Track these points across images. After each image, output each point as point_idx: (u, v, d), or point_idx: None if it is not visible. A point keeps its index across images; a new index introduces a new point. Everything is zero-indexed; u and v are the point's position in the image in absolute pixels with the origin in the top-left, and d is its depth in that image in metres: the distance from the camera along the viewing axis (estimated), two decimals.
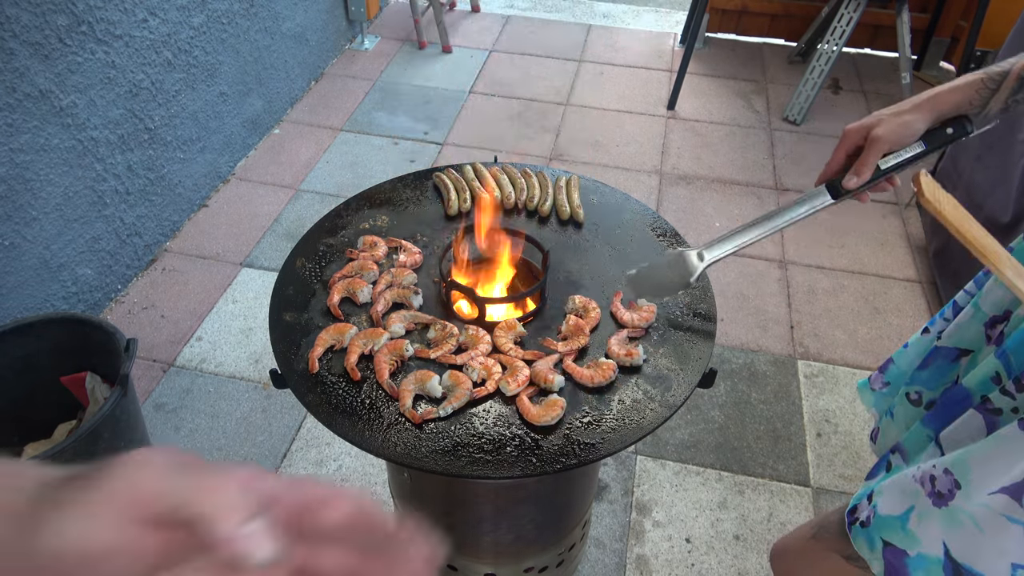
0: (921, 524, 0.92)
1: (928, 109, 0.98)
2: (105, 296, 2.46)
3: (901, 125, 0.98)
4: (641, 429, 1.05)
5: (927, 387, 1.13)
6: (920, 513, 0.93)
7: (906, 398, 1.16)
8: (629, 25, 4.48)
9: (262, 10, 3.09)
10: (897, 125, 0.98)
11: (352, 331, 1.17)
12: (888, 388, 1.28)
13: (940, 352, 1.11)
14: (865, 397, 1.34)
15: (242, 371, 2.30)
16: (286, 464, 2.06)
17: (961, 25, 3.86)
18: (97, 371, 1.91)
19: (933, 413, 1.03)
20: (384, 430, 1.04)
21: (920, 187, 0.99)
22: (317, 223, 1.42)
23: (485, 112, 3.60)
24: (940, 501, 0.90)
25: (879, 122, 0.99)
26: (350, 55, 4.00)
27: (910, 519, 0.94)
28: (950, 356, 1.10)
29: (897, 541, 0.95)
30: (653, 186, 3.16)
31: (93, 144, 2.25)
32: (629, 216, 1.46)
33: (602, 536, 1.92)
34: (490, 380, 1.10)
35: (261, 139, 3.31)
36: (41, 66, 2.00)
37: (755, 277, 2.72)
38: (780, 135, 3.51)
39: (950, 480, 0.89)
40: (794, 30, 4.16)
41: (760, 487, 2.05)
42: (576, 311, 1.23)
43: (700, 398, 2.27)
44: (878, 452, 1.25)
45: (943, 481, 0.90)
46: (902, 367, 1.26)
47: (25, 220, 2.06)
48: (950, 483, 0.89)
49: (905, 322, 2.56)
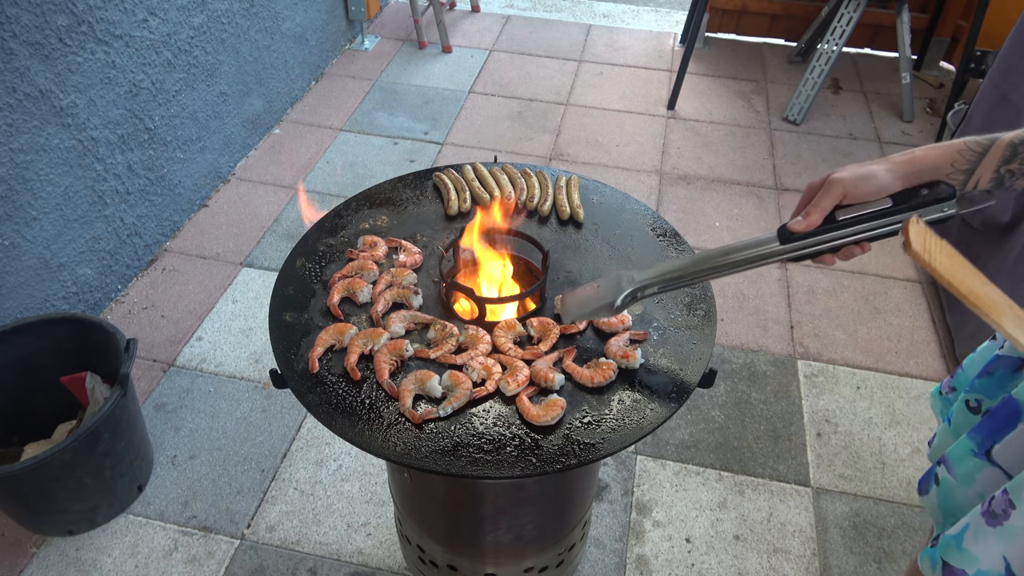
0: (977, 543, 0.91)
1: (900, 164, 0.90)
2: (105, 296, 2.46)
3: (864, 174, 0.89)
4: (641, 429, 1.05)
5: (987, 395, 1.08)
6: (975, 532, 0.91)
7: (965, 405, 1.11)
8: (629, 25, 4.48)
9: (262, 10, 3.09)
10: (860, 172, 0.89)
11: (352, 331, 1.17)
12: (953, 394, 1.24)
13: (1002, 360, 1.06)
14: (935, 404, 1.28)
15: (242, 371, 2.30)
16: (286, 464, 2.06)
17: (961, 25, 3.86)
18: (97, 371, 1.91)
19: (981, 424, 1.00)
20: (384, 430, 1.04)
21: (908, 236, 0.86)
22: (317, 223, 1.42)
23: (485, 112, 3.60)
24: (994, 521, 0.88)
25: (842, 168, 0.91)
26: (350, 55, 4.00)
27: (965, 538, 0.92)
28: (1012, 365, 1.05)
29: (955, 561, 0.93)
30: (653, 186, 3.16)
31: (93, 144, 2.25)
32: (629, 216, 1.46)
33: (602, 536, 1.92)
34: (490, 380, 1.10)
35: (261, 139, 3.31)
36: (41, 66, 2.00)
37: (755, 277, 2.72)
38: (780, 135, 3.51)
39: (1005, 500, 0.88)
40: (794, 30, 4.16)
41: (760, 487, 2.05)
42: None
43: (700, 398, 2.27)
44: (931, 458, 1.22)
45: (999, 501, 0.89)
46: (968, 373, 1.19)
47: (25, 220, 2.06)
48: (1005, 503, 0.88)
49: (905, 322, 2.56)
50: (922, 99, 3.79)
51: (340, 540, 1.89)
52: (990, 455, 0.96)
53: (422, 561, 1.55)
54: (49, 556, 1.84)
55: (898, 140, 3.49)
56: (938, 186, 0.89)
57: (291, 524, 1.92)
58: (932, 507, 1.07)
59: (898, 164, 0.90)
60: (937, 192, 0.89)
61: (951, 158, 0.89)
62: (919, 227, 0.87)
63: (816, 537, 1.93)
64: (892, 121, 3.63)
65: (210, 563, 1.83)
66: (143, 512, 1.94)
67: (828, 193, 0.90)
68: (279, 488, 2.00)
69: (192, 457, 2.07)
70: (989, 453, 0.96)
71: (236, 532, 1.90)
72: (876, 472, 2.09)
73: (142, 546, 1.86)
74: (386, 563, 1.85)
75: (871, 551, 1.91)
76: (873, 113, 3.69)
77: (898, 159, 0.91)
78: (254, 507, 1.96)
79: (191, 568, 1.82)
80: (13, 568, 1.81)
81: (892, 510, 2.00)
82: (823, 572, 1.86)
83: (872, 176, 0.89)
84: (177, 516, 1.93)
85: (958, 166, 0.89)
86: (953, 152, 0.89)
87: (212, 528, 1.91)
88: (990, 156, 0.89)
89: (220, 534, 1.90)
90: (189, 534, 1.89)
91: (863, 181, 0.89)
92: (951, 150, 0.89)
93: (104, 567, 1.82)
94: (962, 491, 1.01)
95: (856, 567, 1.87)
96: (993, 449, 0.95)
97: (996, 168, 0.89)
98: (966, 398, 1.11)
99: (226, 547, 1.87)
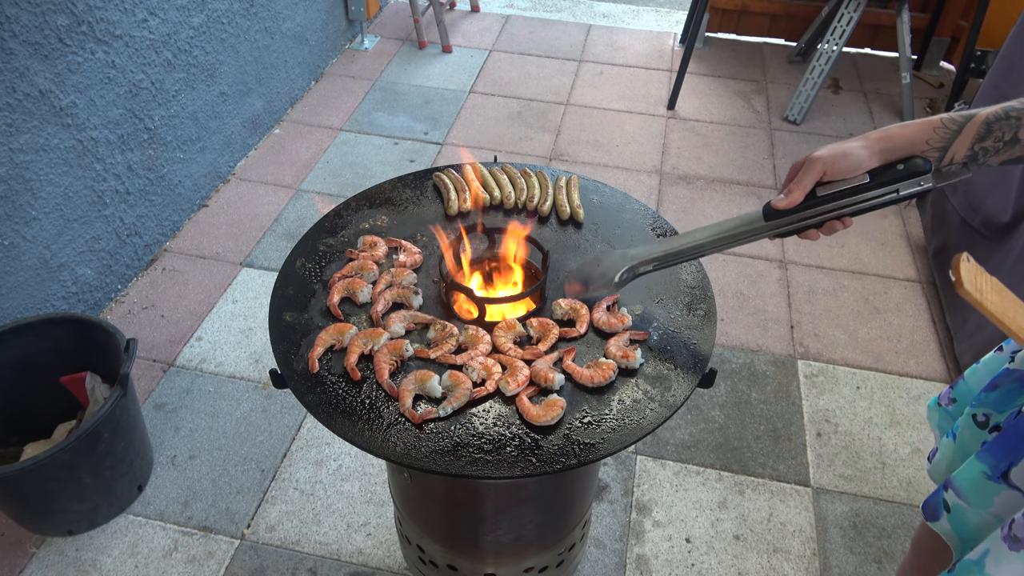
0: (1000, 567, 0.90)
1: (876, 140, 0.93)
2: (105, 296, 2.46)
3: (842, 151, 0.93)
4: (641, 429, 1.05)
5: (995, 409, 1.07)
6: (997, 557, 0.91)
7: (972, 419, 1.10)
8: (629, 25, 4.48)
9: (262, 10, 3.09)
10: (838, 150, 0.94)
11: (352, 331, 1.17)
12: (954, 406, 1.22)
13: (1012, 374, 1.05)
14: (932, 416, 1.27)
15: (242, 371, 2.30)
16: (286, 464, 2.06)
17: (961, 25, 3.86)
18: (97, 371, 1.91)
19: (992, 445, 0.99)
20: (384, 430, 1.04)
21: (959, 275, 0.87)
22: (317, 223, 1.42)
23: (485, 112, 3.60)
24: (1017, 545, 0.88)
25: (822, 148, 0.95)
26: (350, 55, 4.00)
27: (986, 563, 0.92)
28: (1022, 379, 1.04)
29: None
30: (653, 186, 3.16)
31: (93, 144, 2.25)
32: (629, 216, 1.46)
33: (602, 536, 1.92)
34: (490, 380, 1.10)
35: (261, 139, 3.31)
36: (41, 66, 2.00)
37: (755, 277, 2.72)
38: (780, 135, 3.51)
39: None
40: (794, 30, 4.16)
41: (760, 487, 2.05)
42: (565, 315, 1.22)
43: (700, 398, 2.27)
44: (932, 474, 1.20)
45: (1020, 525, 0.88)
46: (971, 385, 1.19)
47: (25, 220, 2.06)
48: None
49: (905, 322, 2.56)
50: (922, 99, 3.79)
51: (340, 540, 1.89)
52: (1007, 477, 0.94)
53: (422, 561, 1.55)
54: (49, 556, 1.84)
55: None
56: (913, 160, 0.92)
57: (291, 524, 1.92)
58: (947, 533, 1.05)
59: (874, 141, 0.93)
60: (912, 167, 0.92)
61: (927, 135, 0.92)
62: (970, 265, 0.88)
63: (816, 537, 1.93)
64: (892, 121, 3.62)
65: (210, 563, 1.83)
66: (143, 512, 1.94)
67: (808, 171, 0.95)
68: (279, 488, 2.00)
69: (192, 457, 2.07)
70: (1007, 475, 0.94)
71: (236, 532, 1.90)
72: (876, 472, 2.09)
73: (142, 546, 1.86)
74: (386, 563, 1.85)
75: (871, 551, 1.91)
76: (873, 113, 3.69)
77: (874, 135, 0.94)
78: (254, 507, 1.96)
79: (191, 568, 1.82)
80: (13, 568, 1.81)
81: (892, 510, 2.00)
82: (823, 572, 1.86)
83: (849, 153, 0.93)
84: (177, 516, 1.93)
85: (933, 143, 0.92)
86: (929, 129, 0.92)
87: (212, 528, 1.91)
88: (965, 133, 0.91)
89: (220, 534, 1.90)
90: (189, 534, 1.89)
91: (841, 158, 0.93)
92: (927, 127, 0.92)
93: (104, 567, 1.82)
94: (978, 515, 0.99)
95: (856, 567, 1.87)
96: (1011, 471, 0.94)
97: (971, 145, 0.91)
98: (973, 412, 1.10)
99: (226, 547, 1.87)
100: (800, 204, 0.97)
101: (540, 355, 1.14)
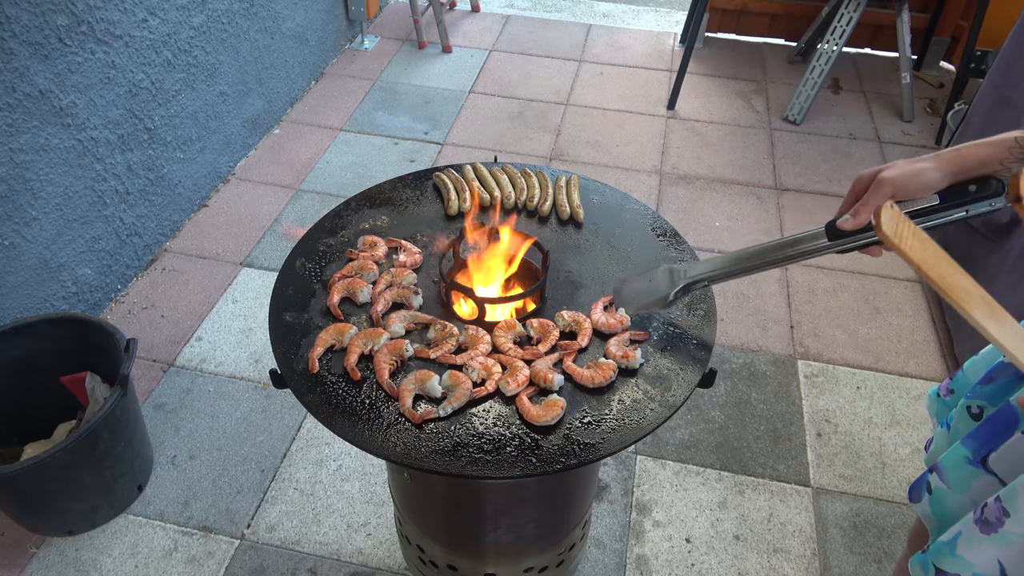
0: (971, 548, 0.91)
1: (948, 161, 0.90)
2: (105, 296, 2.47)
3: (913, 172, 0.90)
4: (641, 429, 1.05)
5: (989, 402, 1.07)
6: (968, 539, 0.92)
7: (967, 411, 1.10)
8: (629, 25, 4.48)
9: (262, 10, 3.09)
10: (908, 171, 0.90)
11: (352, 331, 1.17)
12: (951, 397, 1.22)
13: (1008, 367, 1.05)
14: (931, 406, 1.27)
15: (242, 371, 2.30)
16: (286, 464, 2.06)
17: (961, 25, 3.86)
18: (97, 371, 1.91)
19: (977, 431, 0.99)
20: (384, 430, 1.04)
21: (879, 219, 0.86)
22: (317, 223, 1.42)
23: (485, 112, 3.60)
24: (988, 528, 0.89)
25: (891, 166, 0.92)
26: (350, 55, 4.00)
27: (958, 544, 0.93)
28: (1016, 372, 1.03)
29: (948, 566, 0.94)
30: (653, 186, 3.16)
31: (93, 144, 2.25)
32: (629, 216, 1.46)
33: (602, 536, 1.92)
34: (490, 380, 1.10)
35: (261, 139, 3.31)
36: (41, 66, 2.00)
37: (755, 277, 2.72)
38: (780, 135, 3.51)
39: (998, 508, 0.88)
40: (794, 30, 4.16)
41: (760, 487, 2.05)
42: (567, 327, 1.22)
43: (700, 398, 2.27)
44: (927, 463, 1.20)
45: (992, 509, 0.89)
46: (970, 377, 1.18)
47: (25, 220, 2.06)
48: (998, 511, 0.88)
49: (905, 322, 2.56)
50: (922, 99, 3.79)
51: (340, 540, 1.89)
52: (986, 463, 0.95)
53: (422, 561, 1.55)
54: (49, 556, 1.84)
55: (898, 140, 3.49)
56: (988, 182, 0.89)
57: (291, 524, 1.92)
58: (926, 515, 1.07)
59: (946, 162, 0.91)
60: (986, 188, 0.89)
61: (1000, 155, 0.89)
62: (892, 211, 0.87)
63: (816, 537, 1.93)
64: (892, 121, 3.63)
65: (210, 563, 1.83)
66: (143, 512, 1.94)
67: (877, 192, 0.92)
68: (279, 488, 2.00)
69: (192, 457, 2.07)
70: (985, 461, 0.95)
71: (236, 532, 1.90)
72: (876, 472, 2.09)
73: (142, 546, 1.86)
74: (386, 563, 1.85)
75: (871, 551, 1.91)
76: (873, 113, 3.69)
77: (946, 155, 0.91)
78: (254, 507, 1.96)
79: (191, 568, 1.82)
80: (13, 568, 1.81)
81: (892, 510, 2.00)
82: (823, 572, 1.86)
83: (920, 174, 0.90)
84: (177, 516, 1.93)
85: (1007, 163, 0.89)
86: (1003, 150, 0.89)
87: (212, 528, 1.91)
88: None
89: (220, 534, 1.90)
90: (189, 534, 1.89)
91: (911, 179, 0.91)
92: (1001, 147, 0.89)
93: (104, 567, 1.82)
94: (956, 499, 1.01)
95: (856, 567, 1.87)
96: (989, 457, 0.95)
97: None
98: (968, 404, 1.10)
99: (226, 547, 1.87)
100: None
101: (540, 355, 1.15)
